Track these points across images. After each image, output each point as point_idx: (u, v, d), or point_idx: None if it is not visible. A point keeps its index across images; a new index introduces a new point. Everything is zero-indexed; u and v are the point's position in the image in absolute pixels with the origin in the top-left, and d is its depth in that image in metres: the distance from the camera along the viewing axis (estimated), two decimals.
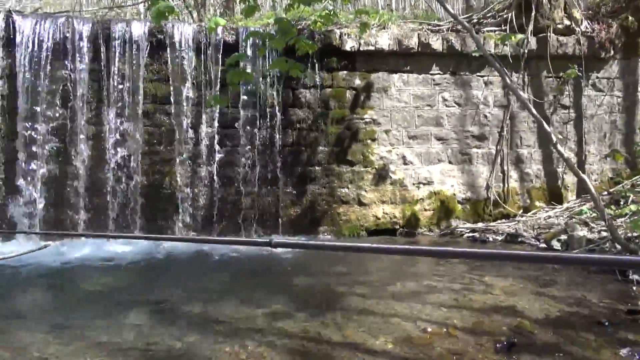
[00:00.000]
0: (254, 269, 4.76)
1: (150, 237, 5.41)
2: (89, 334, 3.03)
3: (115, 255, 4.98)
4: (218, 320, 3.34)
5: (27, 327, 3.14)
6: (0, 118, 5.40)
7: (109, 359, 2.72)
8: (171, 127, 5.72)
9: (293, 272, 4.57)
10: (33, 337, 2.97)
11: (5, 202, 5.36)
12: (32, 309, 3.55)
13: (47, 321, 3.25)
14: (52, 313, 3.45)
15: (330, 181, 6.13)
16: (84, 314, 3.42)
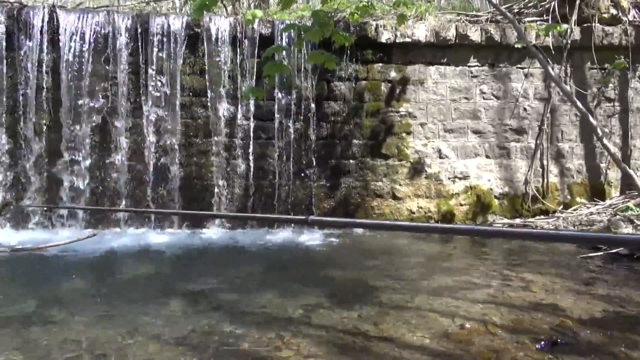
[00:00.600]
0: (288, 260, 4.80)
1: (191, 213, 5.55)
2: (133, 321, 3.12)
3: (153, 245, 5.11)
4: (254, 310, 3.39)
5: (76, 314, 3.25)
6: (45, 111, 5.57)
7: (152, 344, 2.79)
8: (207, 119, 5.81)
9: (326, 265, 4.59)
10: (81, 324, 3.07)
11: (50, 194, 5.55)
12: (79, 296, 3.68)
13: (94, 309, 3.36)
14: (97, 301, 3.56)
15: (364, 174, 6.10)
16: (127, 301, 3.53)
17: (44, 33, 5.52)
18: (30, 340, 2.83)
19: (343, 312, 3.30)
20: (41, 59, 5.53)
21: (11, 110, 5.57)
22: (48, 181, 5.60)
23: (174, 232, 5.64)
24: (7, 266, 4.04)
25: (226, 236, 5.58)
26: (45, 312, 3.29)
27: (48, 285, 3.86)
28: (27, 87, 5.53)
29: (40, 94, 5.55)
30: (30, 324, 3.07)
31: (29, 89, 5.52)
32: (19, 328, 3.00)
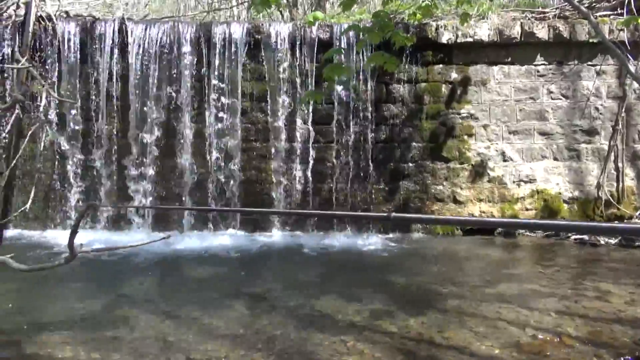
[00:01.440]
0: (348, 264, 4.79)
1: (265, 212, 5.67)
2: (200, 321, 3.22)
3: (216, 247, 5.25)
4: (315, 313, 3.40)
5: (146, 313, 3.39)
6: (115, 118, 5.87)
7: (217, 344, 2.87)
8: (267, 124, 5.90)
9: (387, 270, 4.54)
10: (152, 323, 3.21)
11: (120, 196, 5.83)
12: (147, 296, 3.85)
13: (163, 308, 3.50)
14: (166, 301, 3.70)
15: (424, 178, 5.99)
16: (192, 302, 3.64)
17: (114, 44, 5.82)
18: (101, 337, 2.97)
19: (406, 318, 3.25)
20: (111, 69, 5.83)
21: (84, 118, 5.91)
22: (118, 185, 5.88)
23: (235, 235, 5.76)
24: (81, 267, 4.26)
25: (286, 239, 5.65)
26: (116, 310, 3.46)
27: (119, 285, 4.05)
28: (98, 96, 5.84)
29: (111, 102, 5.85)
30: (101, 322, 3.23)
31: (100, 98, 5.84)
32: (92, 325, 3.16)
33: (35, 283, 3.96)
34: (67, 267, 4.15)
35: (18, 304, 3.55)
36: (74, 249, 1.78)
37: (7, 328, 3.11)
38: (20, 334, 3.02)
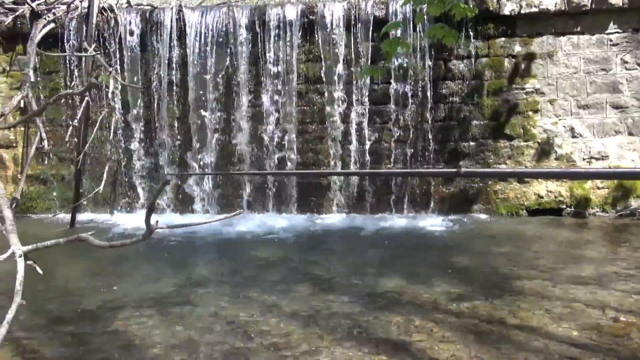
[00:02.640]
0: (409, 245, 4.71)
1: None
2: (264, 301, 3.27)
3: (276, 228, 5.31)
4: (380, 294, 3.37)
5: (212, 293, 3.49)
6: (175, 104, 6.02)
7: (283, 323, 2.89)
8: (322, 105, 5.87)
9: (450, 250, 4.43)
10: (218, 302, 3.29)
11: (182, 180, 6.00)
12: (213, 276, 3.94)
13: (228, 289, 3.58)
14: (230, 281, 3.79)
15: (486, 157, 5.78)
16: (256, 282, 3.71)
17: (172, 32, 5.94)
18: (171, 315, 3.06)
19: (474, 298, 3.16)
20: (170, 56, 5.96)
21: (146, 105, 6.09)
22: (180, 168, 6.05)
23: (293, 217, 5.81)
24: (149, 249, 4.42)
25: (344, 221, 5.63)
26: (184, 290, 3.56)
27: (185, 266, 4.17)
28: (159, 82, 6.00)
29: (170, 88, 5.99)
30: (171, 301, 3.34)
31: (160, 84, 5.99)
32: (163, 303, 3.28)
33: (109, 263, 4.15)
34: (137, 248, 4.35)
35: (95, 283, 3.74)
36: (151, 226, 1.82)
37: (88, 304, 3.27)
38: (101, 310, 3.18)
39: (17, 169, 6.48)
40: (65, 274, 3.75)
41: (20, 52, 6.35)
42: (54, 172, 6.35)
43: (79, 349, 2.61)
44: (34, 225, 5.75)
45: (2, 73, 6.42)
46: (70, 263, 3.99)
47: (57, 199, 6.37)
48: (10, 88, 6.42)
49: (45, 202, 6.41)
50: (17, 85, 6.39)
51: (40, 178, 6.37)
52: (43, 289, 3.34)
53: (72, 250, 2.77)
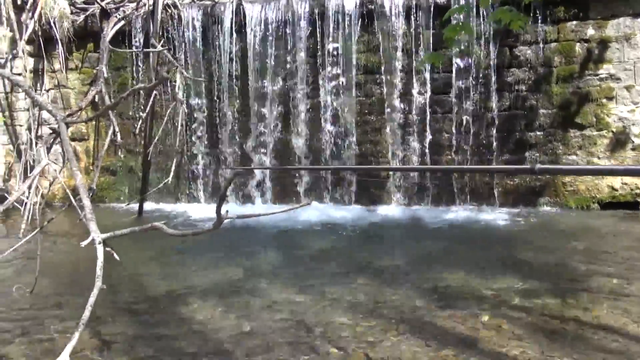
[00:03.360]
0: (472, 239, 4.59)
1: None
2: (325, 293, 3.28)
3: (335, 220, 5.32)
4: (443, 287, 3.30)
5: (273, 283, 3.54)
6: (236, 97, 6.14)
7: (345, 315, 2.89)
8: (381, 96, 5.81)
9: (517, 245, 4.28)
10: (280, 293, 3.33)
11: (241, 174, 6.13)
12: (274, 267, 4.01)
13: (289, 279, 3.62)
14: (291, 272, 3.84)
15: (554, 147, 5.52)
16: (316, 274, 3.74)
17: (232, 26, 6.06)
18: (235, 305, 3.15)
19: (544, 295, 3.03)
20: (230, 49, 6.08)
21: (208, 98, 6.26)
22: (240, 161, 6.18)
23: (352, 208, 5.81)
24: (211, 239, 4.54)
25: (404, 213, 5.56)
26: (246, 280, 3.64)
27: (247, 256, 4.27)
28: (220, 76, 6.15)
29: (231, 81, 6.13)
30: (234, 290, 3.42)
31: (221, 78, 6.14)
32: (226, 293, 3.36)
33: (173, 252, 4.32)
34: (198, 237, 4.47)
35: (160, 270, 3.90)
36: (221, 216, 1.86)
37: (156, 292, 3.42)
38: (168, 297, 3.30)
39: (89, 160, 6.86)
40: (132, 261, 3.91)
41: (91, 49, 6.71)
42: (123, 163, 6.67)
43: (151, 335, 2.73)
44: (104, 214, 6.07)
45: (74, 70, 6.81)
46: (136, 250, 4.16)
47: (125, 189, 6.70)
48: (83, 84, 6.81)
49: (114, 192, 6.75)
50: (88, 81, 6.77)
51: (110, 169, 6.72)
52: (113, 275, 3.52)
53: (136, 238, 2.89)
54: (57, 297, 3.32)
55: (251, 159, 6.15)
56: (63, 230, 5.22)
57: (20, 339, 2.67)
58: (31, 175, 2.83)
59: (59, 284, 3.60)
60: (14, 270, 3.93)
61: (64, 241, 4.85)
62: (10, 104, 6.95)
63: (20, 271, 3.89)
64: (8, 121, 6.99)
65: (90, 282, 2.21)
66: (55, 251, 4.50)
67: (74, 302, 3.22)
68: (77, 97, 6.81)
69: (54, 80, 6.83)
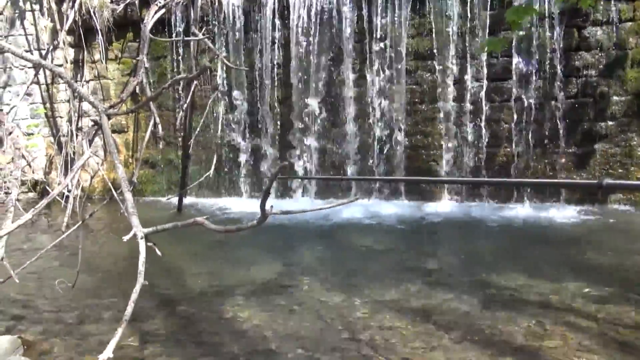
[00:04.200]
0: (533, 238, 4.46)
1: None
2: (369, 293, 3.28)
3: (381, 216, 5.30)
4: (500, 291, 3.23)
5: (315, 282, 3.56)
6: (278, 86, 6.20)
7: (394, 318, 2.88)
8: (434, 83, 5.71)
9: (584, 246, 4.12)
10: (322, 292, 3.36)
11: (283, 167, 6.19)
12: (316, 265, 4.04)
13: (332, 278, 3.64)
14: (334, 270, 3.85)
15: (628, 139, 5.27)
16: (361, 273, 3.74)
17: (275, 11, 6.10)
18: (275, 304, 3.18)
19: (614, 302, 2.92)
20: (273, 36, 6.13)
21: (249, 88, 6.35)
22: (282, 152, 6.25)
23: (401, 204, 5.75)
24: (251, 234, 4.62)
25: (457, 209, 5.47)
26: (287, 278, 3.68)
27: (288, 253, 4.32)
28: (261, 64, 6.21)
29: (273, 70, 6.18)
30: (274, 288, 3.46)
31: (263, 67, 6.20)
32: (266, 291, 3.41)
33: (212, 247, 4.42)
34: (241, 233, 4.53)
35: (201, 266, 4.00)
36: (265, 211, 1.88)
37: (196, 288, 3.51)
38: (208, 294, 3.39)
39: (128, 153, 7.11)
40: (172, 256, 4.03)
41: (131, 39, 6.92)
42: (162, 156, 6.87)
43: (191, 333, 2.81)
44: (143, 208, 6.27)
45: (114, 60, 7.06)
46: (175, 245, 4.28)
47: (164, 182, 6.90)
48: (122, 74, 7.04)
49: (153, 185, 6.97)
50: (127, 71, 7.00)
51: (150, 162, 6.93)
52: (153, 271, 3.63)
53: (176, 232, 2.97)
54: (98, 291, 3.47)
55: (293, 153, 6.19)
56: (103, 224, 5.44)
57: (63, 333, 2.81)
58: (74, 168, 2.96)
59: (100, 279, 3.75)
60: (56, 264, 4.13)
61: (104, 235, 5.06)
62: (51, 95, 7.28)
63: (62, 265, 4.08)
64: (49, 113, 7.33)
65: (130, 277, 2.30)
66: (96, 245, 4.69)
67: (115, 297, 3.36)
68: (116, 88, 7.06)
69: (94, 71, 7.10)
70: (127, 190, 2.40)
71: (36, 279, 3.71)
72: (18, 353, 2.51)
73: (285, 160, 6.19)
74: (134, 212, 2.27)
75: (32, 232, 5.16)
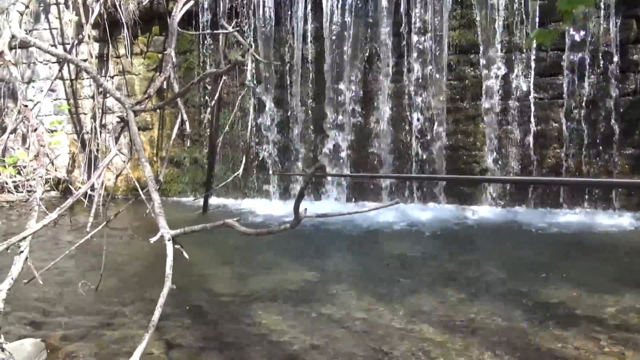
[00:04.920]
0: (585, 247, 4.36)
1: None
2: (409, 305, 3.25)
3: (419, 221, 5.26)
4: (548, 304, 3.17)
5: (351, 290, 3.55)
6: (309, 81, 6.22)
7: (434, 332, 2.85)
8: (477, 79, 5.64)
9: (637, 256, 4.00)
10: (358, 301, 3.35)
11: (315, 163, 6.21)
12: (351, 272, 4.03)
13: (367, 286, 3.62)
14: (369, 278, 3.84)
15: None
16: (397, 281, 3.72)
17: (307, 2, 6.12)
18: (309, 313, 3.19)
19: None
20: (305, 29, 6.16)
21: (279, 84, 6.39)
22: (313, 150, 6.27)
23: (439, 208, 5.70)
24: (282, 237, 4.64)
25: (501, 215, 5.39)
26: (322, 285, 3.68)
27: (321, 258, 4.32)
28: (292, 58, 6.25)
29: (305, 64, 6.21)
30: (308, 296, 3.47)
31: (294, 60, 6.23)
32: (299, 299, 3.42)
33: (238, 251, 4.47)
34: (268, 237, 4.58)
35: (226, 271, 4.04)
36: (299, 214, 1.89)
37: (222, 293, 3.55)
38: (235, 300, 3.42)
39: (152, 151, 7.24)
40: (198, 259, 4.08)
41: (157, 32, 7.06)
42: (187, 154, 6.98)
43: (218, 340, 2.84)
44: (167, 208, 6.34)
45: (139, 55, 7.21)
46: (199, 247, 4.33)
47: (189, 182, 7.01)
48: (148, 69, 7.19)
49: (178, 185, 7.09)
50: (153, 66, 7.14)
51: (175, 161, 7.05)
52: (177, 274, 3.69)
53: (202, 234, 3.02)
54: (122, 294, 3.55)
55: (326, 151, 6.20)
56: (126, 225, 5.55)
57: (87, 337, 2.88)
58: (99, 166, 3.03)
59: (124, 281, 3.83)
60: (79, 265, 4.25)
61: (128, 236, 5.16)
62: (75, 91, 7.49)
63: (85, 267, 4.19)
64: (72, 109, 7.54)
65: (155, 280, 2.34)
66: (120, 246, 4.80)
67: (139, 300, 3.42)
68: (141, 83, 7.21)
69: (119, 66, 7.26)
70: (154, 190, 2.45)
71: (59, 280, 3.82)
72: (42, 357, 2.58)
73: (316, 160, 6.20)
74: (161, 213, 2.31)
75: (55, 232, 5.31)
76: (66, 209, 2.72)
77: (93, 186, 2.91)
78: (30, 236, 2.56)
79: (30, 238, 2.59)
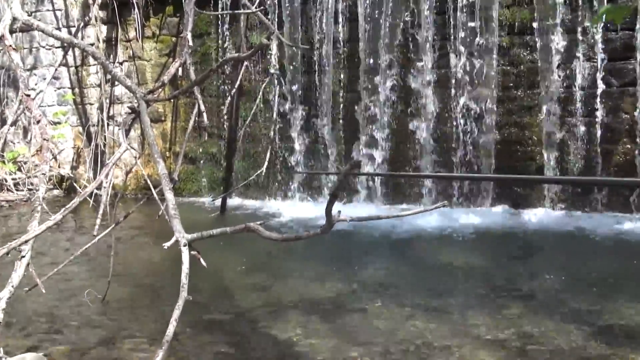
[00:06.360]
0: None
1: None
2: (458, 319, 3.26)
3: (465, 226, 5.23)
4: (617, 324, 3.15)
5: (389, 303, 3.56)
6: (342, 68, 6.21)
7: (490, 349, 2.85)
8: (533, 64, 5.56)
9: None
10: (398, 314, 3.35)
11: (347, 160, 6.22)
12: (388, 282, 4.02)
13: (408, 299, 3.62)
14: (409, 290, 3.83)
15: None
16: (441, 294, 3.71)
17: None
18: (339, 327, 3.20)
19: None
20: (336, 8, 6.15)
21: (306, 70, 6.40)
22: (345, 148, 6.27)
23: (487, 212, 5.65)
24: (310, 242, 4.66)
25: (560, 219, 5.31)
26: (355, 296, 3.71)
27: (355, 266, 4.33)
28: (322, 42, 6.25)
29: (336, 48, 6.20)
30: (339, 309, 3.48)
31: (324, 45, 6.23)
32: (329, 311, 3.43)
33: (262, 257, 4.51)
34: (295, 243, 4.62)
35: (249, 279, 4.08)
36: (332, 218, 1.89)
37: (244, 304, 3.59)
38: (258, 312, 3.46)
39: (165, 145, 7.33)
40: (216, 267, 4.11)
41: (170, 13, 7.14)
42: (203, 149, 7.05)
43: (239, 359, 2.87)
44: (181, 209, 6.42)
45: (151, 38, 7.29)
46: (218, 253, 4.37)
47: (206, 180, 7.07)
48: (160, 54, 7.27)
49: (193, 183, 7.16)
50: (166, 51, 7.22)
51: (189, 156, 7.12)
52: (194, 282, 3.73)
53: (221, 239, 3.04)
54: (133, 305, 3.61)
55: (357, 151, 6.19)
56: (136, 226, 5.64)
57: (93, 352, 2.94)
58: (108, 162, 3.09)
59: (133, 290, 3.90)
60: (85, 272, 4.34)
61: (138, 239, 5.25)
62: (81, 79, 7.64)
63: (91, 274, 4.28)
64: (78, 99, 7.68)
65: (168, 289, 2.38)
66: (130, 252, 4.88)
67: (151, 310, 3.48)
68: (152, 70, 7.30)
69: (128, 51, 7.37)
70: (168, 189, 2.49)
71: (64, 288, 3.91)
72: None
73: (348, 158, 6.20)
74: (176, 215, 2.34)
75: (59, 235, 5.43)
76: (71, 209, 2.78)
77: (100, 184, 2.95)
78: (32, 239, 2.61)
79: (32, 242, 2.65)
